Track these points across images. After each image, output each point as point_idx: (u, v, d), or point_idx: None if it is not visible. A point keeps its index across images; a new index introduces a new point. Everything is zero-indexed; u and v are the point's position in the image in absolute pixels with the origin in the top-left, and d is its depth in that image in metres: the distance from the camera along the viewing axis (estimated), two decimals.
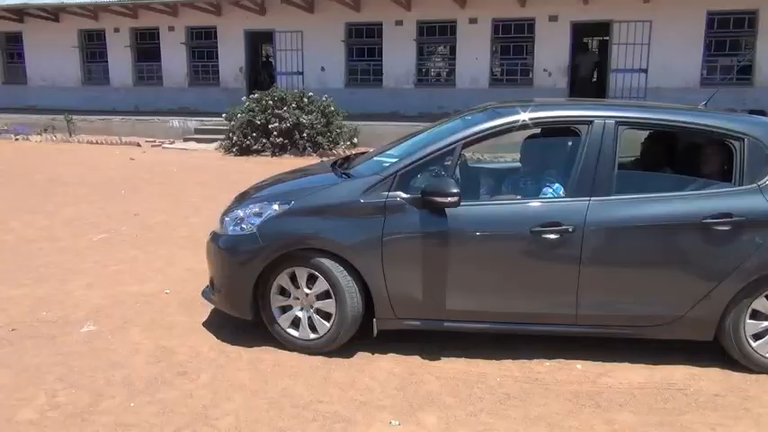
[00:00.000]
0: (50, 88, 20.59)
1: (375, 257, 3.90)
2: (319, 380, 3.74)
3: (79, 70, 20.55)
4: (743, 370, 3.84)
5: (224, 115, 15.08)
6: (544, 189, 4.14)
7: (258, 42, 20.53)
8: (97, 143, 16.13)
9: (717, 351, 3.95)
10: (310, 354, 4.08)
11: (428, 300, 3.95)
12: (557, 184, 4.09)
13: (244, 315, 4.18)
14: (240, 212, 4.26)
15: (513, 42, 16.76)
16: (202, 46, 19.32)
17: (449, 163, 4.04)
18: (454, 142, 3.98)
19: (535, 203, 4.01)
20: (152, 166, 12.40)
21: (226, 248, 4.18)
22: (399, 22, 17.08)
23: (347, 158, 5.12)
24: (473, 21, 16.56)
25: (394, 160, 4.14)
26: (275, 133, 14.14)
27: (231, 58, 18.77)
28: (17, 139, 16.76)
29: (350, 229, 3.95)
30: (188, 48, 19.30)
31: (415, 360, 3.99)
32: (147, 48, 19.89)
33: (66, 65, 20.44)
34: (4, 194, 9.45)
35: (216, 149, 14.99)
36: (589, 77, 16.39)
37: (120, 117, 17.89)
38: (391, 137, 5.91)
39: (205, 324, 4.50)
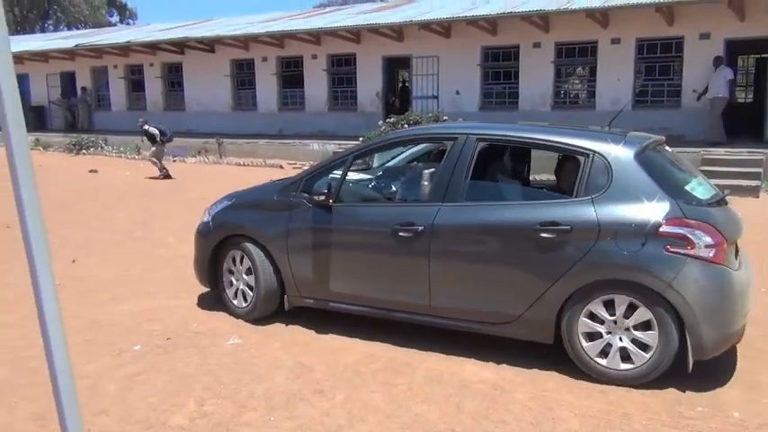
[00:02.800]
0: (204, 113, 22.29)
1: (282, 244, 4.78)
2: (452, 408, 3.69)
3: (230, 97, 22.08)
4: None
5: (361, 139, 15.51)
6: None
7: (394, 67, 21.02)
8: (244, 165, 17.17)
9: None
10: (242, 320, 5.02)
11: (318, 282, 4.75)
12: None
13: (204, 285, 5.37)
14: (213, 206, 5.41)
15: (660, 62, 15.94)
16: (342, 72, 20.08)
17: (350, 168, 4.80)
18: (348, 154, 4.81)
19: (400, 206, 4.75)
20: None
21: (198, 232, 5.36)
22: (537, 45, 16.81)
23: None
24: (615, 41, 15.96)
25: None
26: None
27: (369, 84, 19.34)
28: (175, 161, 18.21)
29: (266, 222, 4.90)
30: (329, 74, 20.14)
31: (552, 395, 3.83)
32: (291, 75, 21.01)
33: (219, 92, 22.05)
34: (163, 211, 10.29)
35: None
36: (722, 97, 14.06)
37: (265, 140, 18.95)
38: None
39: (340, 344, 4.60)
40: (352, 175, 5.19)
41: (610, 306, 3.85)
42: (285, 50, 20.60)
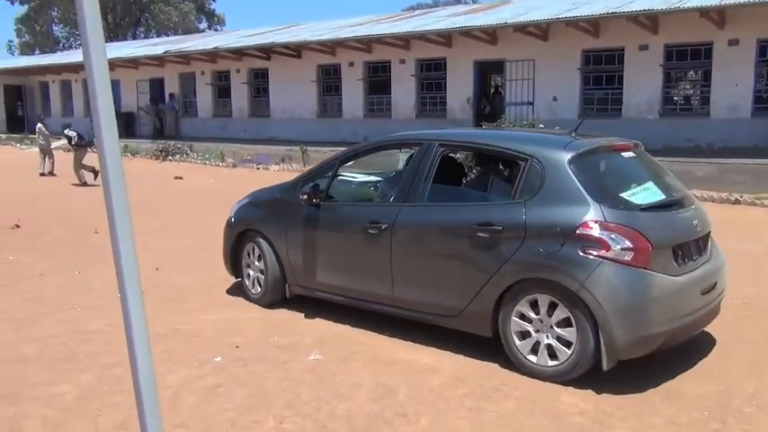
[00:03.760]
0: (289, 120, 22.14)
1: (282, 238, 5.28)
2: None
3: (315, 103, 21.86)
4: None
5: None
6: None
7: (487, 72, 20.18)
8: None
9: None
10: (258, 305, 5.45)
11: (308, 273, 5.20)
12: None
13: (229, 272, 5.87)
14: (237, 203, 5.97)
15: None
16: (431, 78, 19.45)
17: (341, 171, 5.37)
18: (335, 159, 5.32)
19: (372, 206, 5.21)
20: None
21: (226, 226, 5.90)
22: (644, 47, 15.59)
23: None
24: (733, 42, 14.56)
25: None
26: None
27: (459, 89, 18.59)
28: (258, 169, 18.01)
29: (271, 218, 5.48)
30: (417, 79, 19.55)
31: (655, 421, 3.44)
32: (377, 81, 20.58)
33: (304, 98, 21.87)
34: None
35: None
36: None
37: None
38: None
39: (425, 364, 4.28)
40: (360, 177, 5.81)
41: (537, 304, 3.99)
42: (372, 55, 20.18)
